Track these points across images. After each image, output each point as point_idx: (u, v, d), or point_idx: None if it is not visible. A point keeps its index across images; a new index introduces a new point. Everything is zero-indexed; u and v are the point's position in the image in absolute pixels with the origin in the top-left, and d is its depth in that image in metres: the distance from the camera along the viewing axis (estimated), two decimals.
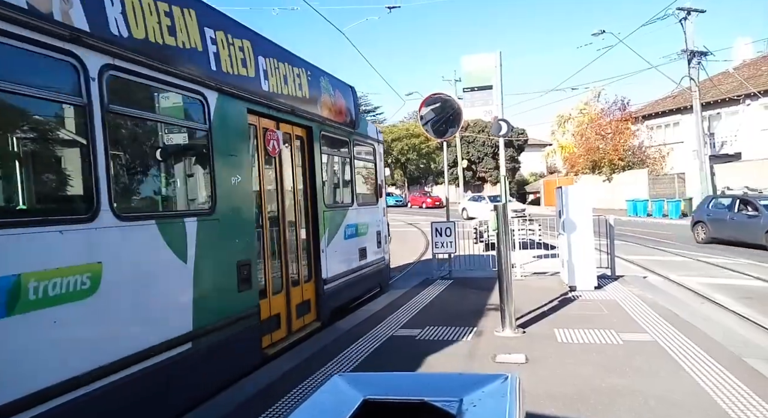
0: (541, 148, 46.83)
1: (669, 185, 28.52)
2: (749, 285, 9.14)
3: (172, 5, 4.01)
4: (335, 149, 7.50)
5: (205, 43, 4.41)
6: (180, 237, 4.01)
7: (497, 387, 1.96)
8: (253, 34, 5.22)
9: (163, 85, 4.00)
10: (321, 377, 4.73)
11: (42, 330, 2.88)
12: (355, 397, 1.95)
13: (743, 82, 24.95)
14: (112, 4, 3.47)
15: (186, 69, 4.15)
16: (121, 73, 3.55)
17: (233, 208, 4.73)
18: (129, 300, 3.50)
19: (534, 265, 10.31)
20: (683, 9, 23.27)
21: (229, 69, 4.74)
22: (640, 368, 4.66)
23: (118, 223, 3.41)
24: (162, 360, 3.69)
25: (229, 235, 4.65)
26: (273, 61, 5.54)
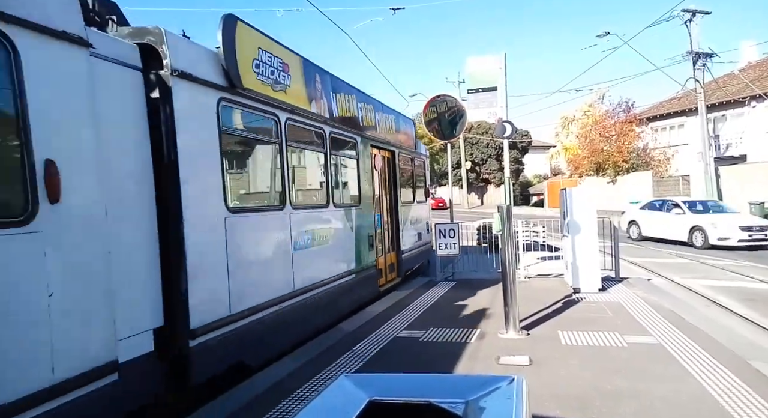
0: (545, 150, 46.73)
1: (674, 187, 28.41)
2: (753, 288, 9.11)
3: (347, 95, 7.55)
4: (405, 164, 10.59)
5: (358, 112, 7.97)
6: (348, 218, 7.34)
7: (503, 389, 1.97)
8: (375, 101, 8.95)
9: (343, 137, 7.43)
10: (327, 376, 4.75)
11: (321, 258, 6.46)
12: (361, 397, 1.97)
13: (749, 84, 24.84)
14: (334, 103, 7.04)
15: (351, 128, 7.63)
16: (334, 134, 7.00)
17: (366, 203, 8.07)
18: (338, 248, 7.02)
19: (538, 267, 10.30)
20: (688, 11, 23.18)
21: (366, 124, 8.26)
22: (644, 371, 4.65)
23: (292, 211, 5.72)
24: (348, 280, 7.19)
25: (366, 218, 8.00)
26: (381, 114, 9.10)
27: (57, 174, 2.94)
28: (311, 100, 6.25)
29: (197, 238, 4.10)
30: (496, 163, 41.31)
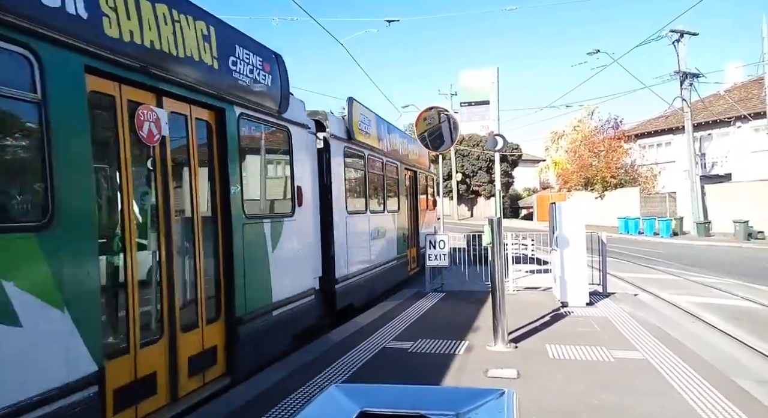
0: (534, 164, 47.16)
1: (660, 204, 28.80)
2: (738, 305, 9.22)
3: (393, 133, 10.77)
4: (423, 181, 13.64)
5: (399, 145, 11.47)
6: (394, 220, 10.52)
7: (494, 402, 1.97)
8: (408, 136, 11.93)
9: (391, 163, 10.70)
10: (313, 387, 4.71)
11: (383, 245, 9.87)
12: (352, 408, 1.95)
13: (734, 105, 25.39)
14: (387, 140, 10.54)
15: (395, 157, 11.04)
16: (387, 161, 10.44)
17: (403, 210, 11.23)
18: (391, 241, 10.25)
19: (527, 280, 10.35)
20: (676, 31, 23.73)
21: (403, 153, 11.67)
22: (631, 386, 4.68)
23: (369, 214, 9.25)
24: (395, 262, 10.42)
25: (403, 221, 11.20)
26: (411, 145, 12.07)
27: (301, 193, 6.34)
28: (379, 141, 9.86)
29: (337, 227, 7.57)
30: (487, 176, 41.60)
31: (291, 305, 5.96)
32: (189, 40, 4.26)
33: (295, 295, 6.10)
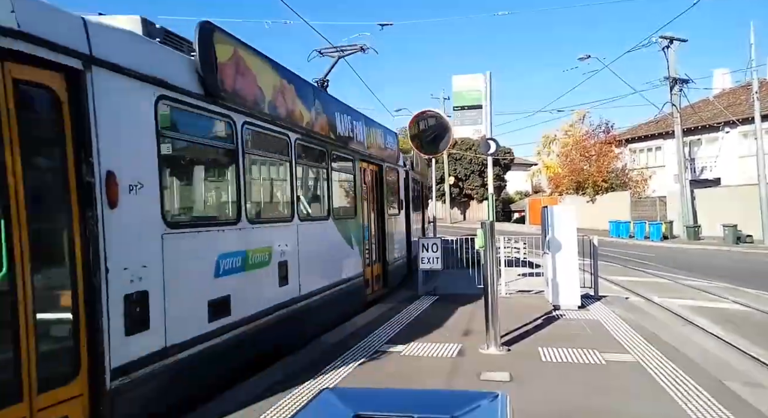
0: (526, 168, 47.42)
1: (651, 208, 29.05)
2: (728, 308, 9.31)
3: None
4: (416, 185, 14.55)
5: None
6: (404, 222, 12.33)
7: (487, 406, 1.97)
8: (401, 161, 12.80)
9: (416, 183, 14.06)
10: (306, 391, 4.68)
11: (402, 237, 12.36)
12: (346, 413, 1.95)
13: (723, 110, 25.71)
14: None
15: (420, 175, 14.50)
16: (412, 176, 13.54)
17: (408, 212, 12.55)
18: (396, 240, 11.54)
19: (519, 283, 10.39)
20: (666, 37, 24.01)
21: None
22: (622, 389, 4.70)
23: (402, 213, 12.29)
24: (404, 259, 12.10)
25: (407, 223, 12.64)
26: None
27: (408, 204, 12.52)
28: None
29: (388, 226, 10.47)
30: (479, 180, 41.74)
31: None
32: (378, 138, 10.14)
33: None
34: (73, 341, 3.33)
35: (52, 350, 3.32)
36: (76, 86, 3.37)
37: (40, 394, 3.03)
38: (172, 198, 4.92)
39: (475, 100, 10.97)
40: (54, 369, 3.26)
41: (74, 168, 3.38)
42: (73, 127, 3.37)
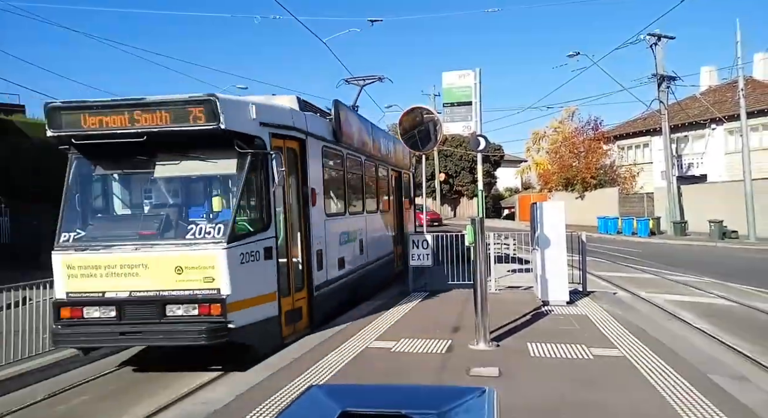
0: (516, 164, 47.60)
1: (638, 204, 29.33)
2: (713, 303, 9.44)
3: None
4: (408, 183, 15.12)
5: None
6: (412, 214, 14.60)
7: (474, 401, 1.98)
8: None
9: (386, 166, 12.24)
10: (294, 388, 4.67)
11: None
12: (333, 409, 1.94)
13: (709, 107, 25.99)
14: None
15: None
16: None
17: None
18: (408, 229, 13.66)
19: (508, 279, 10.44)
20: (654, 35, 24.19)
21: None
22: (610, 383, 4.75)
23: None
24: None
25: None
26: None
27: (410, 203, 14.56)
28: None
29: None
30: (469, 176, 41.85)
31: None
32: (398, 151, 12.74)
33: None
34: (303, 271, 6.97)
35: (296, 275, 6.80)
36: (302, 147, 7.02)
37: (295, 293, 6.73)
38: (326, 200, 7.92)
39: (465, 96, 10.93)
40: (298, 284, 6.85)
41: (302, 185, 6.98)
42: (301, 166, 6.99)
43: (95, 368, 6.19)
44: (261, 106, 6.09)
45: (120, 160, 6.01)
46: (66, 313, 5.46)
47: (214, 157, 5.79)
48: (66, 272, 5.47)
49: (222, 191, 6.13)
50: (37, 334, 6.23)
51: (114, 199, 6.40)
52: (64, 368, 6.11)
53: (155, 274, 5.34)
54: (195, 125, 5.38)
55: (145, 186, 6.31)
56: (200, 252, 5.34)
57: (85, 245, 5.56)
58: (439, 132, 10.80)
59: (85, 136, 5.61)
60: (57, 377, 5.84)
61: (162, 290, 5.32)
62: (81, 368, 6.18)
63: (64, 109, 5.61)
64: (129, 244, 5.48)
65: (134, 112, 5.44)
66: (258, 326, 5.66)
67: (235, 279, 5.37)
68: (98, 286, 5.41)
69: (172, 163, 5.86)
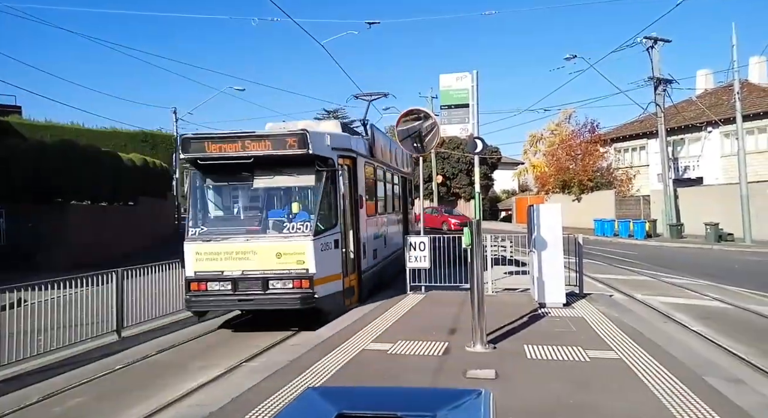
0: (513, 167, 47.65)
1: (635, 207, 29.42)
2: (708, 305, 9.47)
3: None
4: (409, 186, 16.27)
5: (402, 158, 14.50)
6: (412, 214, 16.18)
7: (471, 403, 1.98)
8: None
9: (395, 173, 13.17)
10: (291, 390, 4.66)
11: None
12: (329, 411, 1.94)
13: (705, 111, 26.10)
14: None
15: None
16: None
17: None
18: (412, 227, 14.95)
19: (505, 281, 10.45)
20: (650, 38, 24.30)
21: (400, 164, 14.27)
22: (606, 386, 4.76)
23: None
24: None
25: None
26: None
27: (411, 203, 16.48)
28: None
29: None
30: (467, 178, 41.85)
31: None
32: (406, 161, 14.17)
33: None
34: (355, 259, 8.70)
35: (350, 261, 8.45)
36: (354, 163, 8.81)
37: (349, 275, 8.46)
38: (366, 204, 9.54)
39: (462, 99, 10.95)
40: (351, 267, 8.53)
41: (354, 193, 8.72)
42: (353, 178, 8.74)
43: (94, 369, 6.18)
44: (332, 135, 8.29)
45: (231, 175, 8.12)
46: (194, 286, 7.44)
47: (300, 173, 7.90)
48: (194, 256, 7.48)
49: (306, 198, 8.15)
50: (33, 336, 6.21)
51: (227, 204, 8.62)
52: (61, 370, 6.10)
53: (261, 258, 7.36)
54: (290, 150, 7.47)
55: (250, 194, 8.42)
56: (294, 242, 7.43)
57: (208, 237, 7.66)
58: (437, 134, 10.82)
59: (208, 158, 7.64)
60: (53, 378, 5.82)
61: (266, 269, 7.35)
62: (78, 368, 6.17)
63: (193, 139, 7.82)
64: (241, 236, 7.61)
65: (245, 141, 7.51)
66: (331, 297, 7.70)
67: (318, 262, 7.42)
68: (218, 267, 7.41)
69: (270, 178, 8.04)
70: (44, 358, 6.28)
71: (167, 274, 8.67)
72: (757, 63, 26.90)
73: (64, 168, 15.38)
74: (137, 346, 7.15)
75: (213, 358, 6.50)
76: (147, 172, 22.36)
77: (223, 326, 8.35)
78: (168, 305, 8.58)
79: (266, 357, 6.28)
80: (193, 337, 7.61)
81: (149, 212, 23.40)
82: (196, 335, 7.68)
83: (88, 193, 17.34)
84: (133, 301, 7.86)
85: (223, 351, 6.81)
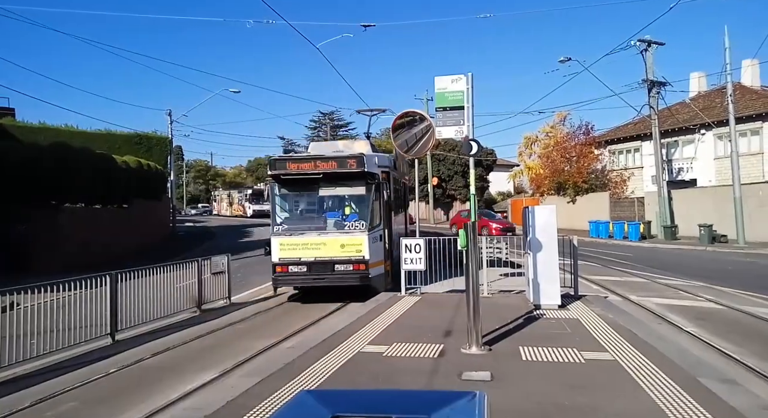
0: (508, 169, 47.80)
1: (629, 208, 29.54)
2: (702, 306, 9.52)
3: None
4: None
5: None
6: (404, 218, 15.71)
7: (465, 405, 1.98)
8: None
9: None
10: (287, 393, 4.65)
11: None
12: (323, 414, 1.93)
13: (699, 113, 26.27)
14: None
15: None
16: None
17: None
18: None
19: (501, 283, 10.47)
20: (644, 41, 24.46)
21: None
22: (601, 387, 4.77)
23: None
24: None
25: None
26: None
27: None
28: None
29: None
30: (462, 180, 41.93)
31: None
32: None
33: None
34: (390, 250, 10.91)
35: (387, 251, 10.76)
36: (387, 176, 11.02)
37: (386, 261, 10.76)
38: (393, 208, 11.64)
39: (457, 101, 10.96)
40: (387, 256, 10.85)
41: (388, 199, 10.94)
42: (387, 188, 10.86)
43: (87, 372, 6.13)
44: (378, 156, 11.22)
45: (305, 186, 10.56)
46: (279, 269, 9.95)
47: (356, 185, 10.35)
48: (279, 247, 10.02)
49: (360, 204, 10.49)
50: (25, 339, 6.16)
51: (302, 208, 11.16)
52: (54, 374, 6.05)
53: (329, 248, 9.91)
54: (350, 169, 10.00)
55: (318, 200, 10.88)
56: (354, 236, 9.98)
57: (289, 232, 10.22)
58: (432, 136, 10.84)
59: (289, 174, 10.23)
60: (45, 382, 5.77)
61: (333, 256, 9.84)
62: (71, 372, 6.12)
63: (278, 160, 10.53)
64: (313, 232, 10.19)
65: (317, 162, 10.12)
66: (378, 277, 10.17)
67: (371, 251, 9.94)
68: (297, 254, 9.93)
69: (333, 188, 10.47)
70: (37, 362, 6.23)
71: (162, 276, 8.63)
72: (750, 66, 27.11)
73: (58, 170, 15.29)
74: (131, 349, 7.10)
75: (208, 361, 6.47)
76: (141, 175, 22.25)
77: (219, 329, 8.33)
78: (163, 307, 8.55)
79: (261, 360, 6.26)
80: (188, 340, 7.58)
81: (144, 214, 23.29)
82: (191, 338, 7.65)
83: (82, 195, 17.24)
84: (128, 304, 7.83)
85: (218, 354, 6.78)
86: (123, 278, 7.77)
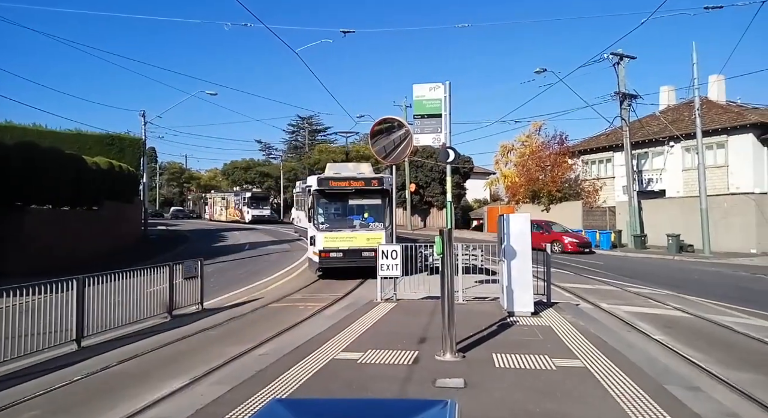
0: (485, 176, 48.37)
1: (601, 217, 30.21)
2: (670, 315, 9.78)
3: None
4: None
5: None
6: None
7: (436, 413, 1.99)
8: None
9: None
10: (258, 401, 4.58)
11: None
12: None
13: (668, 125, 27.11)
14: None
15: None
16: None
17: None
18: None
19: (475, 290, 10.55)
20: (617, 54, 25.18)
21: None
22: (571, 394, 4.85)
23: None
24: None
25: None
26: None
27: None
28: None
29: None
30: (440, 187, 42.19)
31: None
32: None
33: None
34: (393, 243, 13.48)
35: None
36: (391, 189, 14.73)
37: None
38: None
39: (435, 109, 11.11)
40: None
41: (392, 206, 14.92)
42: (391, 197, 14.81)
43: (51, 380, 5.92)
44: (386, 177, 14.74)
45: (340, 197, 14.65)
46: (324, 255, 13.70)
47: (376, 197, 14.56)
48: (323, 239, 13.74)
49: (378, 210, 14.53)
50: None
51: (337, 212, 14.89)
52: (15, 382, 5.82)
53: (358, 240, 13.75)
54: (373, 186, 14.28)
55: (349, 207, 14.75)
56: (376, 232, 13.86)
57: (329, 228, 14.08)
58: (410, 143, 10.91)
59: (330, 188, 14.28)
60: (6, 390, 5.55)
61: (361, 246, 13.59)
62: (34, 380, 5.90)
63: (322, 178, 14.42)
64: (347, 229, 14.14)
65: (351, 180, 14.37)
66: None
67: (386, 242, 12.65)
68: (335, 245, 13.79)
69: (360, 199, 14.59)
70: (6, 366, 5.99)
71: (131, 281, 8.42)
72: (716, 81, 28.11)
73: (25, 170, 14.81)
74: (98, 356, 6.89)
75: (178, 368, 6.30)
76: (113, 176, 21.73)
77: (191, 335, 8.16)
78: (132, 313, 8.34)
79: (233, 367, 6.15)
80: (158, 346, 7.40)
81: (115, 217, 22.73)
82: (161, 345, 7.47)
83: (50, 196, 16.73)
84: (95, 309, 7.60)
85: (188, 361, 6.63)
86: (91, 283, 7.55)
